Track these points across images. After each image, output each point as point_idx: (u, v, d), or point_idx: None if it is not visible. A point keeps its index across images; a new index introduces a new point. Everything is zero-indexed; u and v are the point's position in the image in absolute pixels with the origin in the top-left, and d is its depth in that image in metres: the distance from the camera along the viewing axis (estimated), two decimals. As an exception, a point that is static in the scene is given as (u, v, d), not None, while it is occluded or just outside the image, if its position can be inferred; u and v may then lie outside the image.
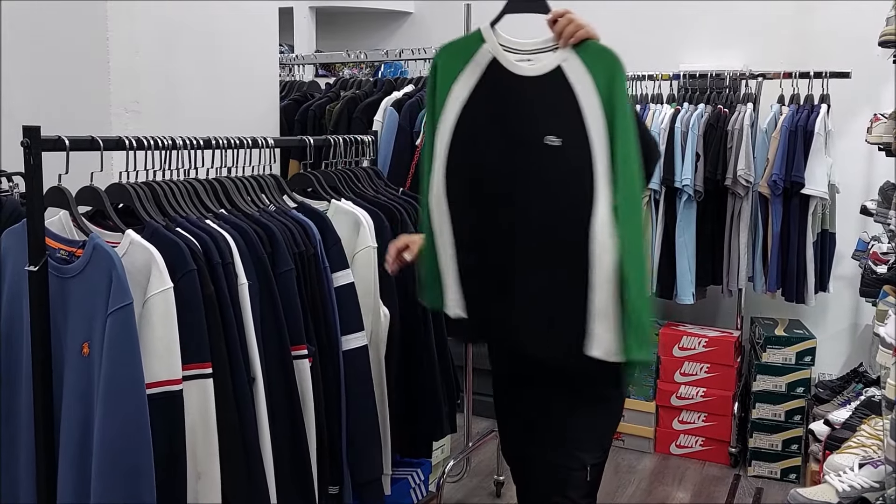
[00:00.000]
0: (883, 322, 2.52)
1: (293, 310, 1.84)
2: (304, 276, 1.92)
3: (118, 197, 1.73)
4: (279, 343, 1.81)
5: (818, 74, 3.51)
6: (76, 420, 1.53)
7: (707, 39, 4.12)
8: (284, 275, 1.84)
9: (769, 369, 3.53)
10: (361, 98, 3.28)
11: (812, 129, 3.38)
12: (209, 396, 1.60)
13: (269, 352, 1.78)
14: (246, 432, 1.69)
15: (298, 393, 1.84)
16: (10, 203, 2.10)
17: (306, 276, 1.93)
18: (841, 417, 3.10)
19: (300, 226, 1.97)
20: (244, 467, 1.68)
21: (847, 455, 2.71)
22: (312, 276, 1.95)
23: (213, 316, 1.63)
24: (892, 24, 2.71)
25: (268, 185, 2.07)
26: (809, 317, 3.87)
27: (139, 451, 1.47)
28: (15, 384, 1.60)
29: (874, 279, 3.13)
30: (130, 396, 1.47)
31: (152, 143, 1.81)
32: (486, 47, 1.76)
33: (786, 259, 3.49)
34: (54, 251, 1.60)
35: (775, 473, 3.55)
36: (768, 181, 3.43)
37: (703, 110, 3.56)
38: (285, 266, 1.85)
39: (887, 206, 2.98)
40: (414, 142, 3.01)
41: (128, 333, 1.48)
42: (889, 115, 2.95)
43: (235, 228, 1.80)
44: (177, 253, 1.61)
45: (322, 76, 4.41)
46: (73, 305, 1.56)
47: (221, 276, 1.67)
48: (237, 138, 2.03)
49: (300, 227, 1.96)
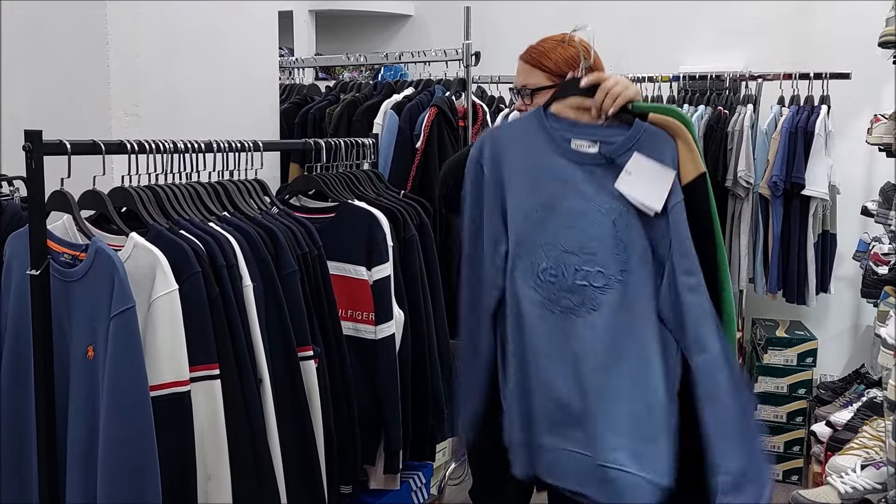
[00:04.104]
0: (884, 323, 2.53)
1: (298, 311, 1.85)
2: (307, 277, 1.92)
3: (121, 200, 1.74)
4: (285, 345, 1.82)
5: (818, 75, 3.51)
6: (83, 422, 1.54)
7: (707, 41, 4.12)
8: (288, 276, 1.85)
9: (770, 371, 3.53)
10: (361, 101, 3.28)
11: (812, 130, 3.38)
12: (217, 397, 1.61)
13: (275, 353, 1.79)
14: (255, 433, 1.70)
15: (305, 394, 1.85)
16: (12, 207, 2.09)
17: (310, 277, 1.93)
18: (843, 419, 3.10)
19: (303, 227, 1.97)
20: (253, 468, 1.69)
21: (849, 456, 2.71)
22: (317, 277, 1.96)
23: (219, 318, 1.63)
24: (892, 25, 2.71)
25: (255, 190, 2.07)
26: (811, 318, 3.87)
27: (144, 452, 1.47)
28: (26, 387, 1.60)
29: (875, 280, 3.14)
30: (134, 398, 1.47)
31: (154, 147, 1.81)
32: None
33: (787, 260, 3.49)
34: (58, 255, 1.60)
35: (777, 475, 3.54)
36: (769, 182, 3.43)
37: (704, 112, 3.56)
38: (289, 268, 1.85)
39: (888, 206, 2.98)
40: (414, 145, 3.01)
41: (130, 336, 1.48)
42: (889, 116, 2.95)
43: (239, 231, 1.80)
44: (181, 255, 1.61)
45: (322, 79, 4.40)
46: (77, 309, 1.56)
47: (226, 279, 1.67)
48: (238, 141, 2.03)
49: (303, 229, 1.96)
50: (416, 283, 2.39)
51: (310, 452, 1.86)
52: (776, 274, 3.49)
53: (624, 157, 1.63)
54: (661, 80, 3.76)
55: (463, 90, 3.08)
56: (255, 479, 1.69)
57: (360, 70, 4.28)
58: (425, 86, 3.21)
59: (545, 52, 1.93)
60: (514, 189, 1.72)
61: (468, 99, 3.09)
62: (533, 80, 1.94)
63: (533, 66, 1.94)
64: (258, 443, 1.70)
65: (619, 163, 1.64)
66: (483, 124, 3.20)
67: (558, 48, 1.93)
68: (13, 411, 1.66)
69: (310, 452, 1.86)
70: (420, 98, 3.10)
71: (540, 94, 1.92)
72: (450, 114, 2.98)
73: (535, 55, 1.94)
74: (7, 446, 1.67)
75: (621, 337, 1.64)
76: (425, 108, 2.99)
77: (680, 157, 1.61)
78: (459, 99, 3.07)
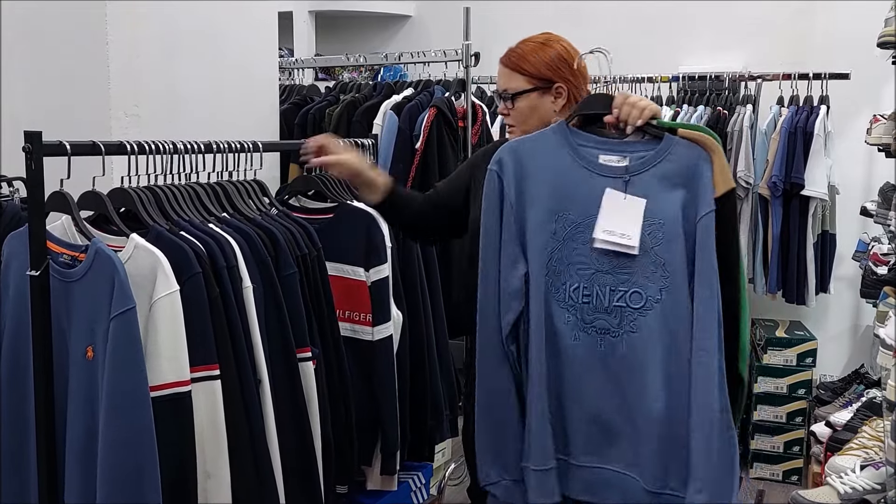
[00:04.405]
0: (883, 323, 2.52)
1: (297, 313, 1.85)
2: (306, 278, 1.92)
3: (120, 201, 1.73)
4: (284, 346, 1.81)
5: (817, 76, 3.51)
6: (81, 423, 1.54)
7: (706, 41, 4.12)
8: (288, 278, 1.84)
9: (770, 371, 3.53)
10: (361, 101, 3.28)
11: (812, 131, 3.38)
12: (217, 397, 1.61)
13: (274, 354, 1.79)
14: (254, 433, 1.70)
15: (304, 395, 1.85)
16: (11, 208, 2.10)
17: (309, 278, 1.93)
18: (842, 419, 3.10)
19: (302, 228, 1.97)
20: (253, 467, 1.69)
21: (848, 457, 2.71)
22: (316, 278, 1.96)
23: (219, 318, 1.63)
24: (891, 25, 2.72)
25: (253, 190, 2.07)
26: (810, 318, 3.87)
27: (143, 452, 1.47)
28: (25, 387, 1.60)
29: (874, 280, 3.14)
30: (134, 399, 1.47)
31: (154, 148, 1.81)
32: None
33: (786, 260, 3.49)
34: (57, 255, 1.60)
35: (777, 475, 3.54)
36: (768, 183, 3.43)
37: (703, 112, 3.56)
38: (289, 269, 1.85)
39: (887, 207, 2.98)
40: (414, 145, 3.01)
41: (130, 337, 1.48)
42: (888, 116, 2.95)
43: (238, 232, 1.80)
44: (182, 256, 1.61)
45: (322, 80, 4.41)
46: (76, 309, 1.56)
47: (226, 280, 1.67)
48: (238, 142, 2.03)
49: (302, 230, 1.97)
50: (415, 284, 2.39)
51: (308, 453, 1.85)
52: (776, 274, 3.49)
53: (656, 170, 1.61)
54: (661, 80, 3.76)
55: (462, 91, 3.09)
56: (254, 479, 1.69)
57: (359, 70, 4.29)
58: (425, 86, 3.22)
59: (524, 56, 1.90)
60: (539, 206, 1.65)
61: (468, 99, 3.09)
62: (513, 84, 1.92)
63: (512, 70, 1.92)
64: (257, 443, 1.70)
65: (651, 174, 1.61)
66: (482, 125, 3.20)
67: (538, 50, 1.90)
68: (12, 411, 1.66)
69: (308, 453, 1.85)
70: (419, 99, 3.10)
71: (521, 98, 1.90)
72: (449, 114, 2.98)
73: (514, 59, 1.91)
74: (7, 446, 1.67)
75: (666, 358, 1.59)
76: (425, 108, 3.00)
77: (714, 170, 1.60)
78: (459, 99, 3.08)
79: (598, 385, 1.63)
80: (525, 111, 1.92)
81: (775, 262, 3.48)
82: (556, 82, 1.89)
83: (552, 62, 1.88)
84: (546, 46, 1.90)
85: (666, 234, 1.59)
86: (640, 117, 1.62)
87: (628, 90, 3.74)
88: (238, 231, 1.80)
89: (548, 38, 1.92)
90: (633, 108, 1.64)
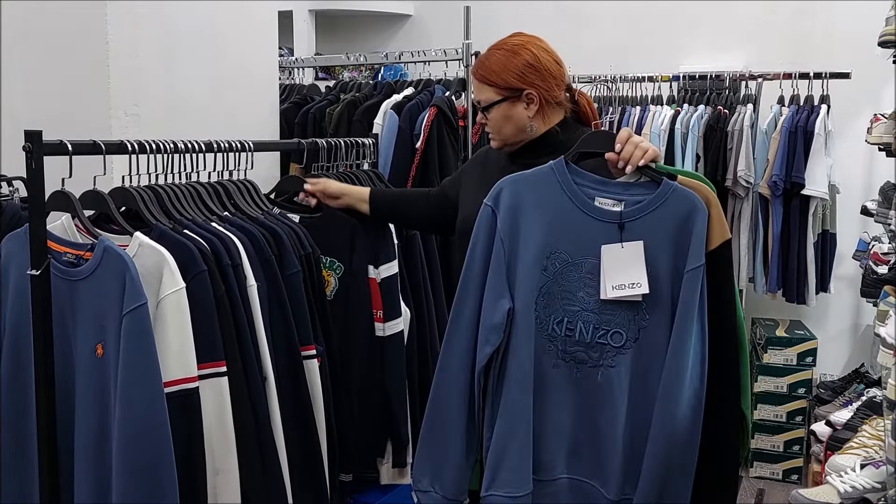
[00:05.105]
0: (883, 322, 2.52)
1: (301, 311, 1.86)
2: (309, 277, 1.93)
3: (121, 200, 1.73)
4: (288, 344, 1.82)
5: (818, 75, 3.52)
6: (93, 421, 1.54)
7: (707, 41, 4.12)
8: (292, 276, 1.85)
9: (770, 370, 3.53)
10: (361, 101, 3.27)
11: (812, 130, 3.39)
12: (224, 394, 1.63)
13: (279, 352, 1.80)
14: (260, 429, 1.71)
15: (309, 392, 1.86)
16: (11, 207, 2.09)
17: (312, 277, 1.94)
18: (842, 418, 3.10)
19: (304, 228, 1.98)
20: (260, 462, 1.70)
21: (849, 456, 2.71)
22: (319, 277, 1.97)
23: (225, 316, 1.64)
24: (891, 25, 2.72)
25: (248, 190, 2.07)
26: (810, 317, 3.88)
27: (160, 448, 1.48)
28: (27, 386, 1.60)
29: (875, 279, 3.14)
30: (149, 394, 1.48)
31: (154, 147, 1.81)
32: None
33: (786, 259, 3.49)
34: (60, 254, 1.60)
35: (777, 474, 3.55)
36: (768, 182, 3.44)
37: (703, 111, 3.57)
38: (293, 268, 1.86)
39: (888, 206, 2.99)
40: (414, 144, 3.01)
41: (144, 332, 1.49)
42: (889, 116, 2.95)
43: (242, 231, 1.81)
44: (187, 254, 1.61)
45: (322, 79, 4.40)
46: (82, 307, 1.56)
47: (231, 278, 1.68)
48: (238, 142, 2.03)
49: (304, 230, 1.97)
50: (419, 281, 2.41)
51: (313, 448, 1.87)
52: (776, 273, 3.50)
53: (650, 217, 1.60)
54: (661, 79, 3.76)
55: (463, 90, 3.08)
56: (261, 473, 1.70)
57: (359, 70, 4.28)
58: (425, 86, 3.21)
59: (490, 68, 1.87)
60: (532, 242, 1.65)
61: (468, 99, 3.09)
62: (484, 96, 1.90)
63: (481, 83, 1.90)
64: (264, 439, 1.72)
65: (644, 222, 1.61)
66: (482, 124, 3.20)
67: (504, 60, 1.86)
68: (13, 411, 1.66)
69: (313, 448, 1.87)
70: (420, 98, 3.10)
71: (493, 110, 1.89)
72: (450, 114, 2.98)
73: (481, 71, 1.89)
74: (7, 446, 1.66)
75: (639, 391, 1.62)
76: (425, 107, 2.99)
77: (710, 222, 1.59)
78: (459, 99, 3.07)
79: (569, 406, 1.66)
80: (499, 120, 1.90)
81: (775, 261, 3.49)
82: (526, 89, 1.85)
83: (519, 71, 1.84)
84: (513, 55, 1.86)
85: (653, 281, 1.61)
86: (641, 158, 1.62)
87: (629, 90, 3.75)
88: (241, 230, 1.81)
89: (517, 44, 1.87)
90: (636, 147, 1.63)
